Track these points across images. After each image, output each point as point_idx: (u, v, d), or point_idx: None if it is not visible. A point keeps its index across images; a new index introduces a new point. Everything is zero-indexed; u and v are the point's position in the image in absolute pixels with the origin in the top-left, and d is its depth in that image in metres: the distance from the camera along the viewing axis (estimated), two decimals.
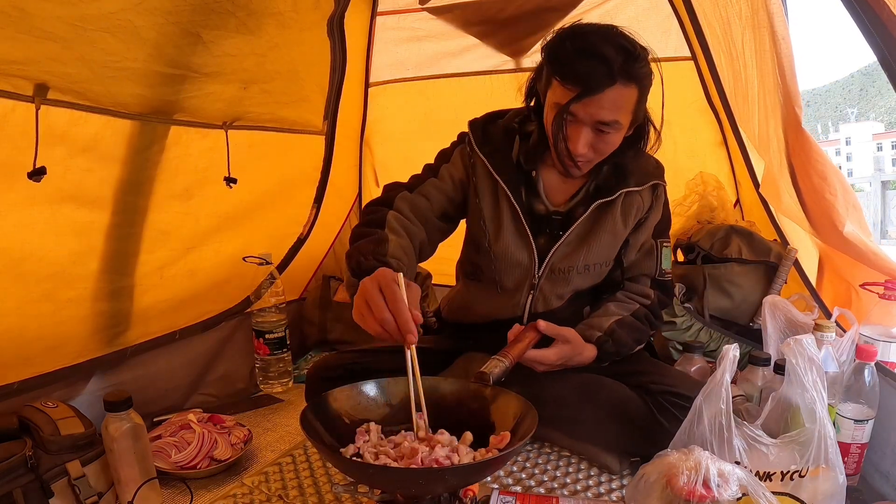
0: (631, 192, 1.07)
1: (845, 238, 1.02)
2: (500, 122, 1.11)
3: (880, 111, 68.61)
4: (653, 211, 1.10)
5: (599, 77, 0.88)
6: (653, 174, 1.10)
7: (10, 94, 0.84)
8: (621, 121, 0.94)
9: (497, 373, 0.84)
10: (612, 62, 0.88)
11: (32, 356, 1.03)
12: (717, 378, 0.76)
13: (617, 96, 0.90)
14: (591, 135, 0.95)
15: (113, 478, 0.89)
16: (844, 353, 0.97)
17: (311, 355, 1.71)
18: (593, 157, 0.99)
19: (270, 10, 1.16)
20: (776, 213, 1.37)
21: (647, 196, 1.09)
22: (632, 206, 1.08)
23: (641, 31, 1.59)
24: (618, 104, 0.91)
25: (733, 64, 1.22)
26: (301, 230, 1.66)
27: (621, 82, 0.89)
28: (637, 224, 1.10)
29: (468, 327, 1.19)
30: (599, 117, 0.92)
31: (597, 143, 0.96)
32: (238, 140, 1.30)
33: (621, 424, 0.99)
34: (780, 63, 0.97)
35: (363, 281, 0.78)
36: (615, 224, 1.07)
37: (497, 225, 1.07)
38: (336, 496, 0.94)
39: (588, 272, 1.09)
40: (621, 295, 1.11)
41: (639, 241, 1.11)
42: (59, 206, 0.97)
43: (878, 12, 0.69)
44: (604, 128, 0.93)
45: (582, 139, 0.94)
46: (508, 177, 1.05)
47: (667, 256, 1.12)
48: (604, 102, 0.90)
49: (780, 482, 0.76)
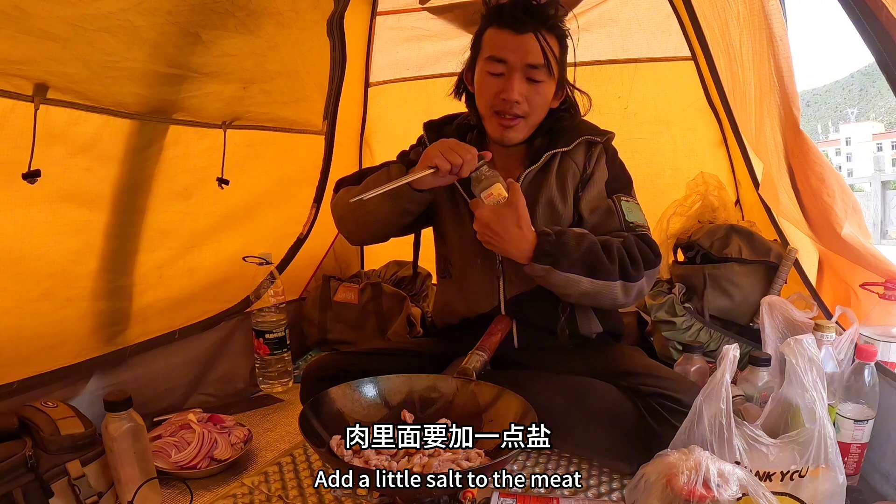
0: (562, 156, 1.09)
1: (843, 240, 1.01)
2: (454, 122, 1.20)
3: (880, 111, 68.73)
4: (596, 169, 1.10)
5: (528, 20, 1.00)
6: (585, 133, 1.11)
7: (9, 93, 0.84)
8: (549, 67, 1.02)
9: (479, 367, 0.88)
10: (538, 12, 1.01)
11: (32, 355, 1.03)
12: (717, 378, 0.76)
13: (543, 42, 1.01)
14: (524, 83, 1.02)
15: (113, 478, 0.89)
16: (843, 353, 0.97)
17: (311, 355, 1.71)
18: (527, 111, 1.04)
19: (270, 10, 1.16)
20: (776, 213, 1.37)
21: (579, 156, 1.11)
22: (567, 172, 1.10)
23: (641, 31, 1.61)
24: (545, 48, 1.01)
25: (731, 65, 1.22)
26: (301, 230, 1.66)
27: (545, 29, 1.02)
28: (582, 186, 1.10)
29: (456, 328, 1.20)
30: (529, 60, 1.01)
31: (529, 93, 1.03)
32: (238, 140, 1.30)
33: (611, 430, 0.97)
34: (777, 64, 0.96)
35: (429, 149, 0.99)
36: (550, 193, 1.08)
37: (454, 216, 1.15)
38: (336, 498, 0.94)
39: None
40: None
41: (590, 202, 1.09)
42: (58, 206, 0.97)
43: (877, 14, 0.69)
44: (533, 74, 1.02)
45: (516, 85, 1.01)
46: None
47: (630, 209, 1.08)
48: (531, 46, 1.00)
49: (780, 482, 0.76)
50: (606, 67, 1.66)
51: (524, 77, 1.02)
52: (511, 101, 1.02)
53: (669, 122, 1.68)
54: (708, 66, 1.43)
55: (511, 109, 1.03)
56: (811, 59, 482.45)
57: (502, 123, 1.05)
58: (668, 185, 1.65)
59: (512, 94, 1.01)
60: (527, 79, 1.02)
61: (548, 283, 0.99)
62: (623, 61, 1.65)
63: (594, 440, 1.00)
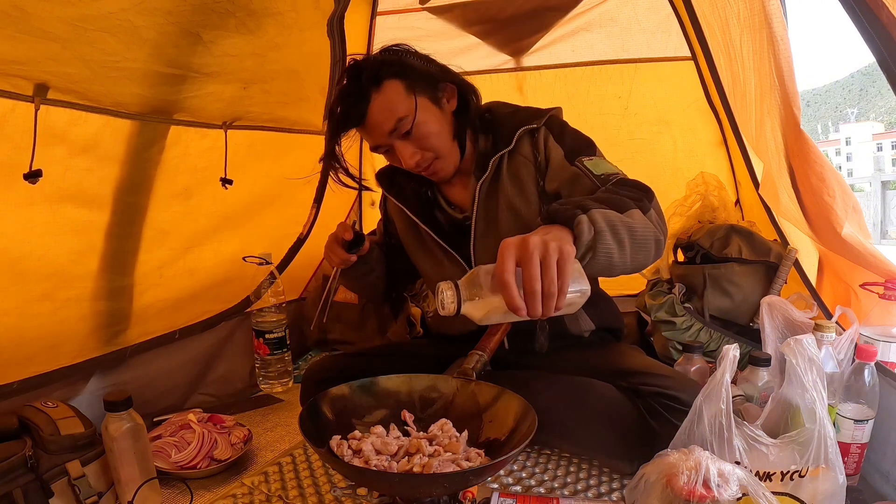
0: (509, 155, 1.04)
1: (844, 240, 1.01)
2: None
3: (880, 111, 68.57)
4: (548, 150, 1.03)
5: (357, 106, 0.95)
6: (522, 123, 1.04)
7: (9, 93, 0.84)
8: (406, 113, 0.95)
9: (479, 367, 0.87)
10: (354, 90, 0.95)
11: (32, 355, 1.03)
12: (718, 378, 0.76)
13: (380, 104, 0.95)
14: (406, 145, 0.98)
15: (113, 478, 0.89)
16: (843, 353, 0.97)
17: (310, 355, 1.71)
18: (434, 154, 1.00)
19: (270, 10, 1.16)
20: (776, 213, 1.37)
21: (526, 147, 1.05)
22: (519, 168, 1.04)
23: (641, 31, 1.61)
24: (386, 109, 0.95)
25: (731, 65, 1.22)
26: (301, 230, 1.66)
27: (374, 91, 0.95)
28: (542, 176, 1.04)
29: (453, 338, 1.20)
30: (385, 129, 0.96)
31: (418, 142, 0.98)
32: (238, 140, 1.30)
33: (611, 430, 0.97)
34: (778, 64, 0.96)
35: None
36: (507, 197, 1.04)
37: (424, 253, 1.15)
38: (336, 498, 0.94)
39: None
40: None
41: (554, 180, 1.01)
42: (58, 206, 0.97)
43: (878, 14, 0.70)
44: (401, 129, 0.96)
45: (403, 154, 0.98)
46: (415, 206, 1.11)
47: (596, 164, 0.96)
48: (374, 117, 0.95)
49: (779, 482, 0.76)
50: (606, 67, 1.67)
51: (401, 140, 0.98)
52: (411, 167, 1.00)
53: (669, 122, 1.68)
54: (708, 66, 1.42)
55: (419, 168, 1.01)
56: (811, 59, 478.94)
57: (427, 175, 1.04)
58: (668, 186, 1.65)
59: (406, 162, 0.99)
60: (402, 137, 0.98)
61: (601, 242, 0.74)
62: (623, 61, 1.65)
63: (594, 441, 1.00)
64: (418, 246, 1.16)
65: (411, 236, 1.16)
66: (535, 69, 1.73)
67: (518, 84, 1.76)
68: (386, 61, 0.98)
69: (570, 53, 1.68)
